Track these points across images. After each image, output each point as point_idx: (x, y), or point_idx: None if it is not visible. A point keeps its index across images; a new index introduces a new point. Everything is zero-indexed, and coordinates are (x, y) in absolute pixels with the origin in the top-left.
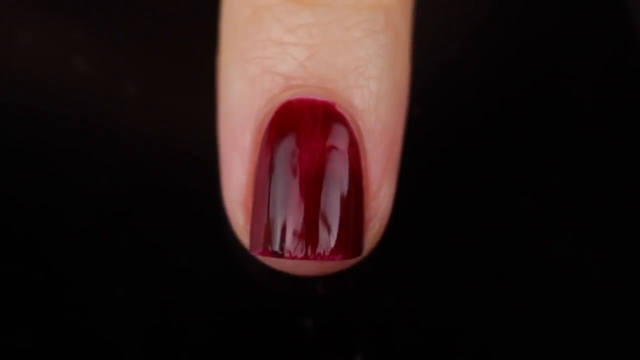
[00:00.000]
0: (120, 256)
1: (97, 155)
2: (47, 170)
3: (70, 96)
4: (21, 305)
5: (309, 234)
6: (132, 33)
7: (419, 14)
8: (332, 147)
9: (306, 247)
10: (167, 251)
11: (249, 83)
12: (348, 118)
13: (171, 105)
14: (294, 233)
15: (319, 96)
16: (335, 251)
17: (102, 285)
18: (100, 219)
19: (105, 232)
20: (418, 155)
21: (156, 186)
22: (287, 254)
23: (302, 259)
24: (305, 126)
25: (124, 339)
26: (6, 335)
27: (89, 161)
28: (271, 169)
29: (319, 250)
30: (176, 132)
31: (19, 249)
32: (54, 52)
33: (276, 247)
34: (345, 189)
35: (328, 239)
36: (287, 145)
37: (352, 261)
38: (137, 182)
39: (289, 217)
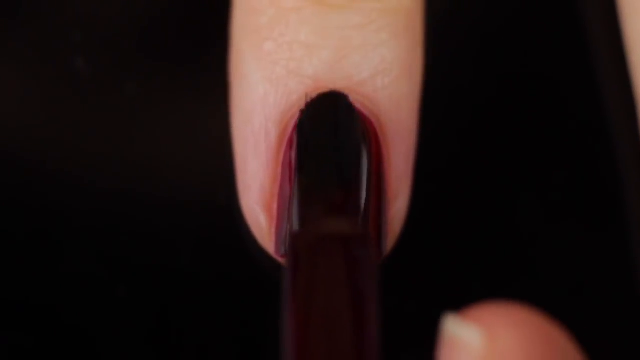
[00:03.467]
0: (120, 256)
1: (97, 155)
2: (47, 170)
3: (69, 96)
4: (21, 305)
5: None
6: (132, 33)
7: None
8: None
9: None
10: (167, 251)
11: (274, 85)
12: (374, 120)
13: (171, 106)
14: None
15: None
16: None
17: (102, 285)
18: (101, 219)
19: (106, 232)
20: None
21: (156, 186)
22: None
23: None
24: None
25: (124, 339)
26: (7, 335)
27: (89, 161)
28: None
29: None
30: (177, 133)
31: (19, 249)
32: (54, 52)
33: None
34: (369, 190)
35: None
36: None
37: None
38: (138, 182)
39: None
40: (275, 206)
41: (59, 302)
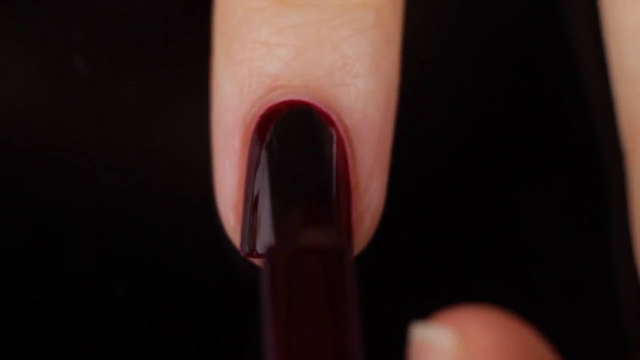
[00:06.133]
0: (120, 256)
1: (98, 155)
2: (46, 169)
3: (69, 96)
4: (22, 304)
5: None
6: (132, 33)
7: (415, 16)
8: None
9: None
10: (167, 251)
11: (238, 85)
12: (334, 117)
13: (171, 106)
14: None
15: (304, 96)
16: None
17: (102, 285)
18: (100, 219)
19: (106, 232)
20: (412, 156)
21: (156, 186)
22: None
23: None
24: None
25: (124, 339)
26: (7, 334)
27: (89, 161)
28: (257, 171)
29: None
30: (177, 133)
31: (19, 249)
32: (53, 52)
33: (262, 249)
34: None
35: None
36: (272, 147)
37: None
38: (137, 181)
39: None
40: (240, 206)
41: (59, 301)
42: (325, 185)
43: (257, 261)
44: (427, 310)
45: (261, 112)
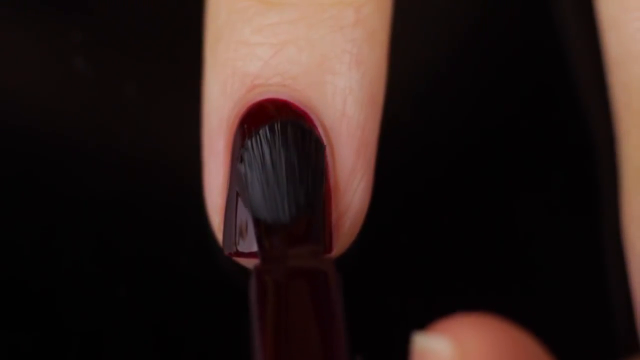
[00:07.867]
0: (120, 256)
1: (97, 155)
2: (46, 169)
3: (70, 96)
4: (22, 305)
5: None
6: (132, 33)
7: (411, 20)
8: None
9: None
10: (167, 251)
11: (222, 85)
12: (312, 116)
13: (171, 106)
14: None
15: (282, 95)
16: None
17: (102, 285)
18: (100, 218)
19: (106, 232)
20: (413, 159)
21: (156, 186)
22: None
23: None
24: None
25: (124, 339)
26: (7, 334)
27: (89, 161)
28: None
29: None
30: (177, 133)
31: (19, 249)
32: (53, 52)
33: (244, 249)
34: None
35: None
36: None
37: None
38: (138, 181)
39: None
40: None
41: (59, 302)
42: (313, 203)
43: (241, 261)
44: (424, 304)
45: (241, 112)
